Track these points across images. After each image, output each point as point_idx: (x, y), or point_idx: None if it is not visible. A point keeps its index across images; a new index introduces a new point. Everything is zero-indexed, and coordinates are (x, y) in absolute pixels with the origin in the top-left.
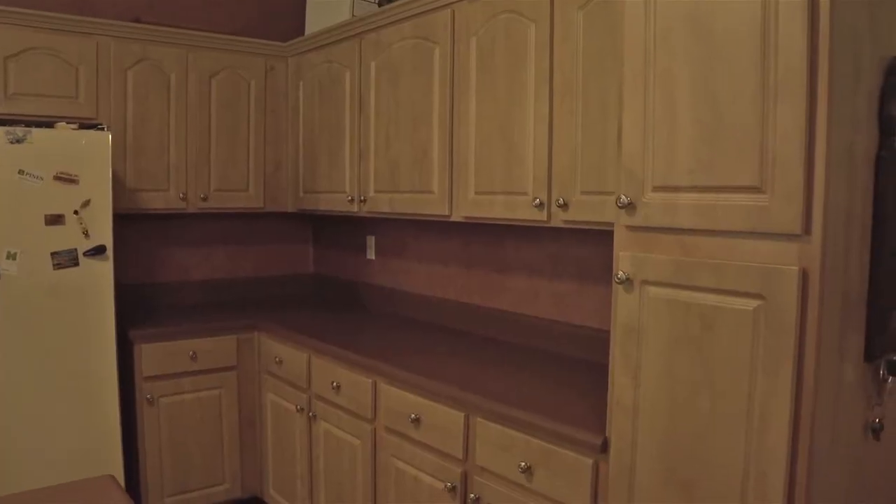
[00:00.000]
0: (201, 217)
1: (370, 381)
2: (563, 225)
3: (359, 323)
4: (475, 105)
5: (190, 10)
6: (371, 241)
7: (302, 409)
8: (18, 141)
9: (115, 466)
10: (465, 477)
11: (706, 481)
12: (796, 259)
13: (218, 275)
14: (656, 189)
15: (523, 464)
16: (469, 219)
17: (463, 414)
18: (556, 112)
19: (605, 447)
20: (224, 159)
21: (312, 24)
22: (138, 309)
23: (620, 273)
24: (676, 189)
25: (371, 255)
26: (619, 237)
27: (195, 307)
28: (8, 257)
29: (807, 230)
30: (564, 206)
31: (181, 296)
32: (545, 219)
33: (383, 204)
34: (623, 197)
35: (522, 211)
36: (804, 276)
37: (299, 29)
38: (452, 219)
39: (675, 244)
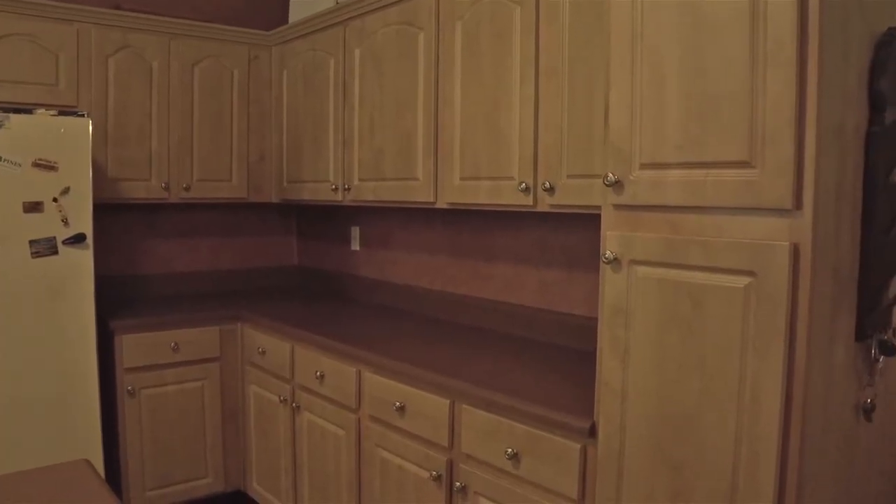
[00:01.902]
0: (184, 208)
1: (354, 369)
2: (549, 209)
3: (343, 313)
4: (460, 90)
5: None
6: (356, 231)
7: (285, 400)
8: None
9: (96, 459)
10: (450, 465)
11: (697, 462)
12: (787, 235)
13: (201, 266)
14: (644, 167)
15: (510, 450)
16: (454, 205)
17: (448, 401)
18: (542, 95)
19: (592, 431)
20: (207, 149)
21: (296, 12)
22: (120, 301)
23: (608, 253)
24: (665, 166)
25: (356, 245)
26: (607, 216)
27: (178, 299)
28: None
29: (797, 205)
30: (550, 190)
31: (164, 287)
32: (531, 203)
33: (368, 192)
34: (610, 175)
35: (508, 196)
36: (795, 251)
37: (283, 18)
38: (437, 206)
39: (663, 222)
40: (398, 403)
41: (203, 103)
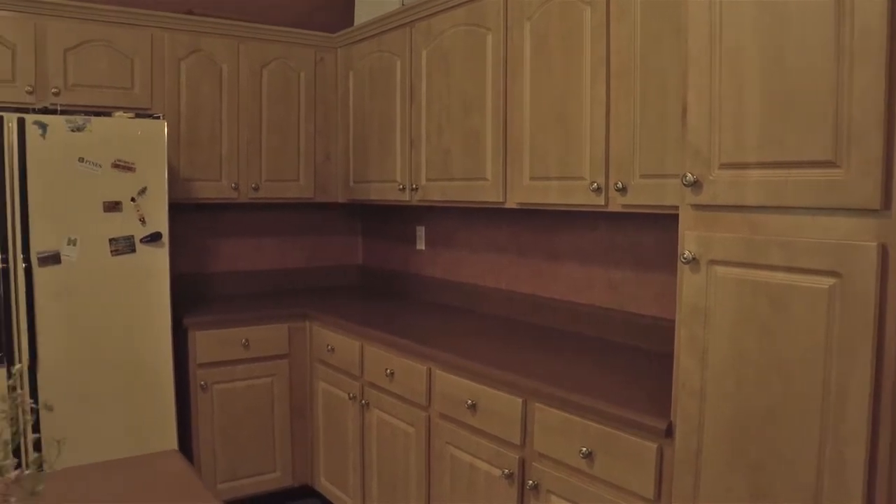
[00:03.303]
0: (251, 207)
1: (425, 367)
2: (621, 209)
3: (410, 312)
4: (529, 90)
5: (240, 2)
6: (421, 231)
7: (354, 398)
8: (79, 129)
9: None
10: (522, 463)
11: (777, 463)
12: (874, 235)
13: (268, 265)
14: (723, 166)
15: (584, 449)
16: (524, 205)
17: (521, 399)
18: (613, 94)
19: (669, 431)
20: (275, 150)
21: (362, 14)
22: (190, 298)
23: (686, 253)
24: (744, 166)
25: (421, 245)
26: (685, 217)
27: (246, 297)
28: (69, 243)
29: (886, 205)
30: (623, 191)
31: (231, 285)
32: (603, 203)
33: (435, 192)
34: (689, 175)
35: (579, 196)
36: (883, 252)
37: (348, 20)
38: (507, 205)
39: (742, 222)
40: (469, 401)
41: (271, 105)
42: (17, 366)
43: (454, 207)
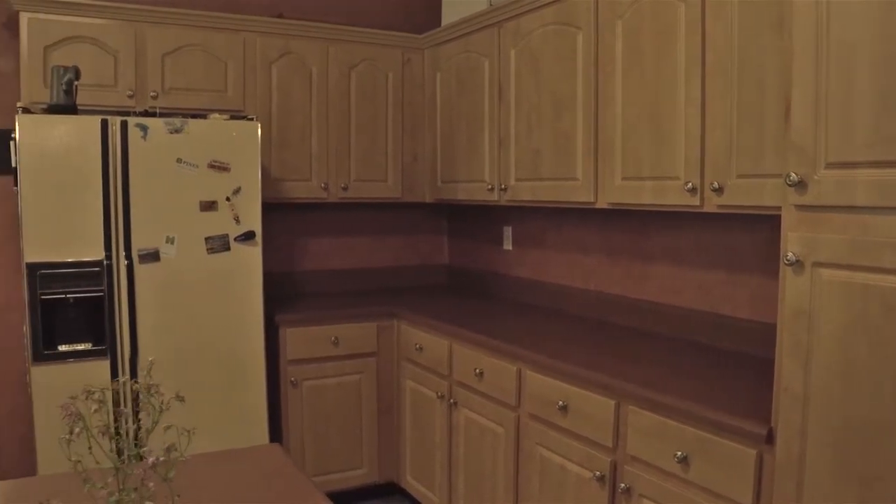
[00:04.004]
0: (340, 207)
1: (515, 368)
2: (717, 210)
3: (498, 312)
4: (621, 89)
5: (328, 5)
6: (508, 231)
7: (442, 396)
8: (177, 131)
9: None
10: (614, 466)
11: (891, 477)
12: None
13: (355, 264)
14: (830, 166)
15: (679, 453)
16: (615, 205)
17: (613, 401)
18: (709, 93)
19: (770, 437)
20: (363, 150)
21: (448, 15)
22: (280, 295)
23: (790, 254)
24: (853, 165)
25: (508, 245)
26: (788, 217)
27: (334, 295)
28: (167, 241)
29: None
30: (719, 191)
31: (320, 284)
32: (698, 204)
33: (525, 192)
34: (793, 175)
35: (673, 196)
36: None
37: (435, 21)
38: (598, 206)
39: (851, 223)
40: (560, 402)
41: (359, 106)
42: (151, 358)
43: (541, 207)
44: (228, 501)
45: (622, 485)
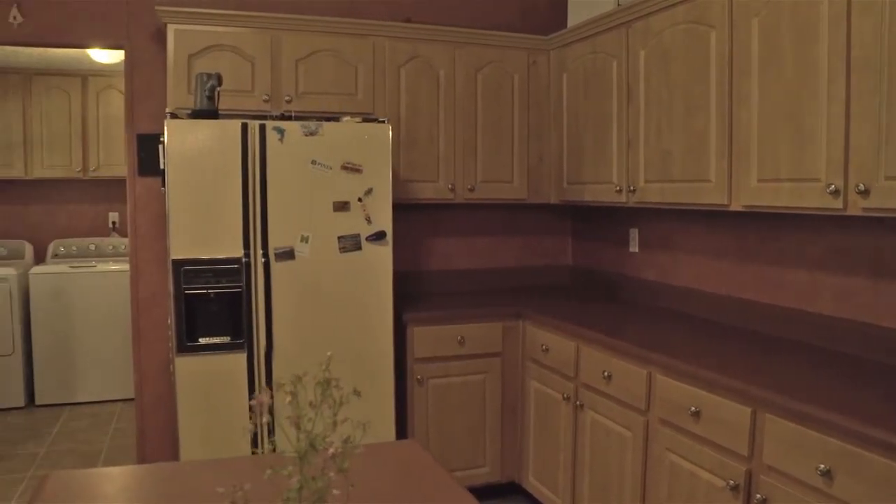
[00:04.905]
0: (465, 207)
1: (645, 371)
2: (861, 213)
3: (625, 314)
4: (757, 88)
5: (454, 8)
6: (634, 233)
7: (568, 398)
8: (312, 133)
9: (388, 440)
10: (749, 476)
11: None
12: None
13: (479, 264)
14: None
15: (822, 466)
16: (750, 208)
17: (749, 409)
18: (854, 90)
19: None
20: (490, 151)
21: (574, 16)
22: (406, 294)
23: None
24: None
25: (634, 247)
26: None
27: (459, 295)
28: (301, 240)
29: None
30: (864, 193)
31: (446, 283)
32: (841, 207)
33: (654, 194)
34: None
35: (813, 198)
36: None
37: (559, 22)
38: (731, 208)
39: None
40: (693, 408)
41: (486, 108)
42: (329, 353)
43: (669, 209)
44: (380, 494)
45: (758, 495)
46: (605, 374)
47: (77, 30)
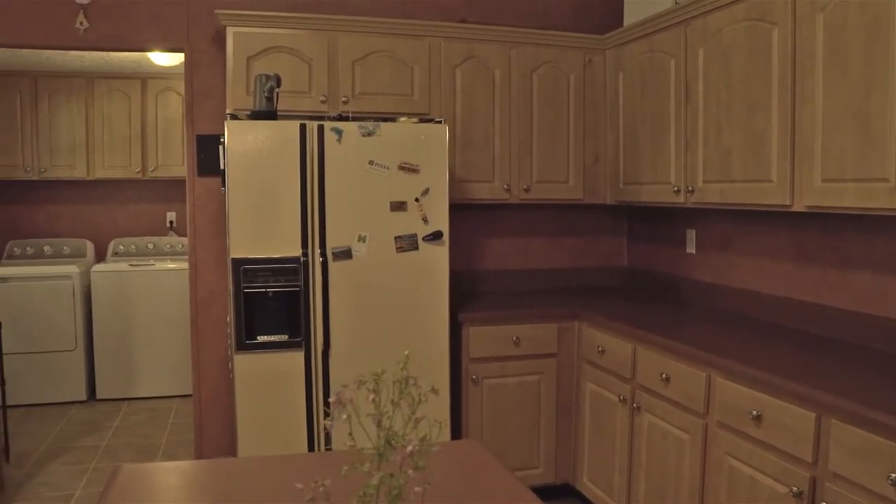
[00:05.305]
0: (519, 207)
1: (704, 374)
2: None
3: (683, 316)
4: (822, 86)
5: (509, 8)
6: (691, 234)
7: (625, 400)
8: (369, 134)
9: (443, 440)
10: (813, 482)
11: None
12: None
13: (534, 265)
14: None
15: (893, 475)
16: (813, 208)
17: (814, 414)
18: None
19: None
20: (545, 152)
21: (631, 14)
22: (461, 294)
23: None
24: None
25: (691, 248)
26: None
27: (514, 295)
28: (359, 240)
29: None
30: None
31: (500, 284)
32: None
33: (713, 194)
34: None
35: (881, 199)
36: None
37: (614, 21)
38: (793, 209)
39: None
40: (754, 412)
41: (541, 108)
42: (406, 352)
43: (726, 210)
44: (448, 493)
45: (823, 503)
46: (663, 376)
47: (140, 34)
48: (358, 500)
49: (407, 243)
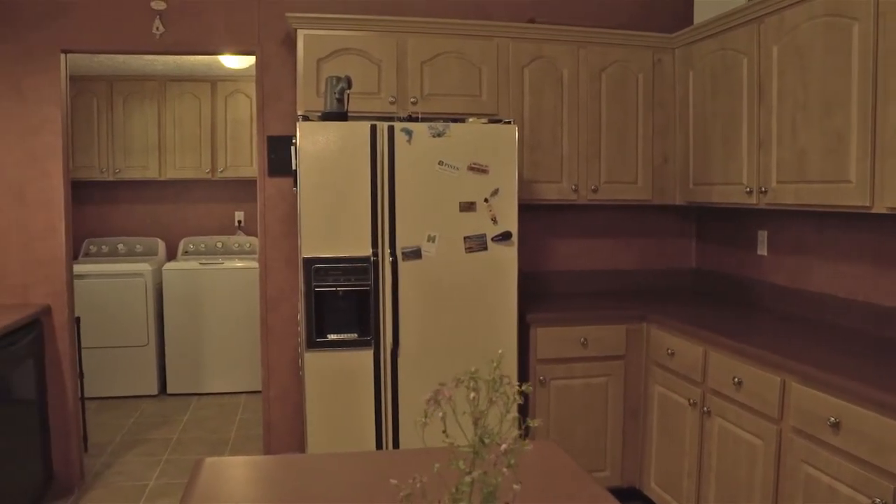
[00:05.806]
0: (586, 208)
1: (778, 379)
2: None
3: (754, 319)
4: None
5: (576, 7)
6: (763, 236)
7: (695, 404)
8: (439, 135)
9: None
10: None
11: None
12: None
13: (601, 266)
14: None
15: None
16: (895, 210)
17: None
18: None
19: None
20: (613, 152)
21: (701, 13)
22: (528, 295)
23: None
24: None
25: (762, 250)
26: None
27: (581, 296)
28: (428, 240)
29: None
30: None
31: (567, 284)
32: None
33: (787, 195)
34: None
35: None
36: None
37: (683, 19)
38: (873, 210)
39: None
40: (832, 419)
41: (609, 108)
42: (500, 350)
43: (800, 211)
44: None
45: None
46: (735, 380)
47: (212, 37)
48: (450, 497)
49: (476, 243)
